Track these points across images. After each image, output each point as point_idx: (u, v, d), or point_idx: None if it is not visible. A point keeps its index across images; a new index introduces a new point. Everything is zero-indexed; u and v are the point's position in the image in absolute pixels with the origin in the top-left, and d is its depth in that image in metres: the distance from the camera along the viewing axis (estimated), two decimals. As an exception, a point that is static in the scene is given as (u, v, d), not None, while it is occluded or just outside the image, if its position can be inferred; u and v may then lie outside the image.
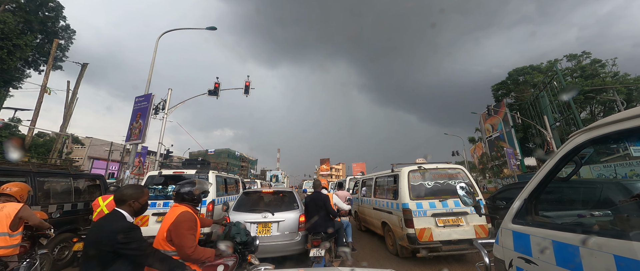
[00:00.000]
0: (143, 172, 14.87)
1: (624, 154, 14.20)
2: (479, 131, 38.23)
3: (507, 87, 34.30)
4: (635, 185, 4.30)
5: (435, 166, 5.62)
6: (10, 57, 17.24)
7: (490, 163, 32.56)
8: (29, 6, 19.60)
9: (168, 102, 14.14)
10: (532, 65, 32.40)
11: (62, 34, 21.95)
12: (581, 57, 29.10)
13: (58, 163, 9.50)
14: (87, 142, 40.98)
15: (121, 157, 34.71)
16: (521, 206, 1.71)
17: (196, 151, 64.80)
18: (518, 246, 1.66)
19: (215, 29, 15.50)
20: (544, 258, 1.46)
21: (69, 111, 18.55)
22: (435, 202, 5.10)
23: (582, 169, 6.91)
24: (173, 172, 6.53)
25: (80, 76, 19.72)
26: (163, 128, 14.09)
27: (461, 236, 4.88)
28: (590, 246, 1.22)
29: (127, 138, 12.79)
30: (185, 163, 7.55)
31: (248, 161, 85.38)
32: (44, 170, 5.38)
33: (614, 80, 24.99)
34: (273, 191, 6.13)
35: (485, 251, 1.99)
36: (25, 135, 17.15)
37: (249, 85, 15.78)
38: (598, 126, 1.33)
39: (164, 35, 14.05)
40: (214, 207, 6.14)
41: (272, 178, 59.77)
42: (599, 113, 26.87)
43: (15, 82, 19.91)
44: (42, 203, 5.00)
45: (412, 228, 4.86)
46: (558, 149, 1.59)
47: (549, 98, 23.64)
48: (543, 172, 1.61)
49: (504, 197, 6.96)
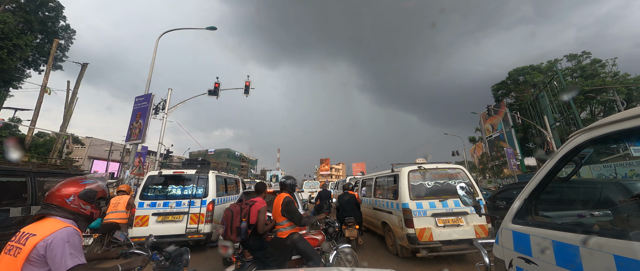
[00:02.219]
0: (143, 172, 14.88)
1: (624, 154, 14.20)
2: (479, 131, 38.23)
3: (507, 87, 34.30)
4: (635, 185, 4.31)
5: (435, 166, 5.62)
6: (10, 57, 17.23)
7: (490, 163, 32.57)
8: (29, 6, 19.59)
9: (168, 102, 14.15)
10: (532, 65, 32.39)
11: (62, 33, 21.94)
12: (581, 57, 29.10)
13: (58, 163, 9.50)
14: (87, 142, 40.98)
15: (121, 157, 34.71)
16: (521, 206, 1.71)
17: (196, 151, 64.79)
18: (518, 246, 1.66)
19: (215, 29, 15.51)
20: (544, 258, 1.46)
21: (69, 111, 18.56)
22: (435, 202, 5.10)
23: (582, 169, 6.92)
24: (173, 172, 6.53)
25: (80, 76, 19.72)
26: (163, 128, 14.10)
27: (461, 236, 4.88)
28: (591, 246, 1.22)
29: (127, 138, 12.80)
30: (185, 163, 7.55)
31: (248, 161, 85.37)
32: (43, 170, 5.39)
33: (614, 80, 24.98)
34: (273, 191, 6.14)
35: (485, 251, 1.99)
36: (25, 135, 17.15)
37: (249, 85, 15.78)
38: (598, 126, 1.33)
39: (165, 35, 14.06)
40: (214, 207, 6.14)
41: (272, 178, 59.72)
42: (599, 113, 26.86)
43: (15, 82, 19.91)
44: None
45: (412, 228, 4.86)
46: (558, 149, 1.59)
47: (549, 98, 23.63)
48: (543, 172, 1.61)
49: (504, 197, 6.96)
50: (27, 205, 4.71)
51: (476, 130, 40.63)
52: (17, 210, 4.52)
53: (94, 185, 1.81)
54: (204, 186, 6.29)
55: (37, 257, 1.43)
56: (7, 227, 4.35)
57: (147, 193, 6.10)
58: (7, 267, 1.43)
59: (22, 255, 1.42)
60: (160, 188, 6.30)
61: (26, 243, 1.46)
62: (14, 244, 1.50)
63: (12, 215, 4.43)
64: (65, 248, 1.48)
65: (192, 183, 6.32)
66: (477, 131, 40.35)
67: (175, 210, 5.94)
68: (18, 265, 1.40)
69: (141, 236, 5.66)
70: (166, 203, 6.00)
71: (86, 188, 1.76)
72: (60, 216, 1.64)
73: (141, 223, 5.78)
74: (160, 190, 6.27)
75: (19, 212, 4.54)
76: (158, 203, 5.98)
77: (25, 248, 1.45)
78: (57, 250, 1.45)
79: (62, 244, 1.48)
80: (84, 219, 1.75)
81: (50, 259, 1.44)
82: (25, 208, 4.65)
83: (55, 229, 1.52)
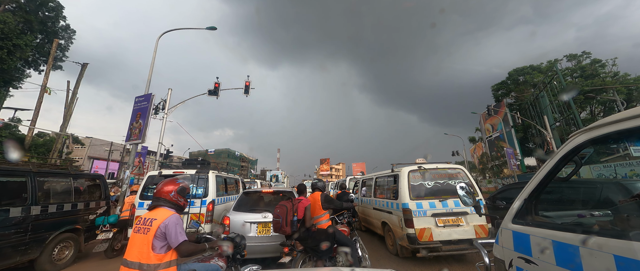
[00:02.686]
0: (143, 172, 14.88)
1: (624, 154, 14.20)
2: (479, 131, 38.20)
3: (507, 87, 34.28)
4: (635, 185, 4.31)
5: (435, 166, 5.62)
6: (10, 57, 17.22)
7: (490, 163, 32.55)
8: (29, 6, 19.58)
9: (168, 102, 14.14)
10: (532, 65, 32.36)
11: (62, 33, 21.93)
12: (581, 57, 29.08)
13: (58, 163, 9.49)
14: (87, 142, 40.96)
15: (121, 157, 34.70)
16: (521, 207, 1.71)
17: (196, 151, 64.78)
18: (518, 246, 1.66)
19: (215, 29, 15.50)
20: (544, 258, 1.46)
21: (69, 111, 18.55)
22: (435, 202, 5.10)
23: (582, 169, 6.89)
24: (173, 171, 6.52)
25: (80, 76, 19.71)
26: (163, 128, 14.09)
27: (461, 236, 4.88)
28: (590, 246, 1.22)
29: (127, 138, 12.79)
30: (185, 163, 7.54)
31: (248, 161, 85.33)
32: (44, 170, 5.37)
33: (614, 80, 24.95)
34: (273, 191, 6.13)
35: (485, 251, 1.99)
36: (25, 135, 17.14)
37: (249, 85, 15.77)
38: (598, 126, 1.33)
39: (165, 35, 14.05)
40: (214, 207, 6.14)
41: (272, 178, 59.67)
42: (599, 113, 26.84)
43: (15, 82, 19.89)
44: (42, 203, 4.99)
45: (412, 228, 4.86)
46: (558, 149, 1.59)
47: (549, 98, 23.62)
48: (543, 172, 1.61)
49: (504, 197, 6.96)
50: (27, 205, 4.69)
51: (476, 130, 40.62)
52: (17, 210, 4.51)
53: (184, 184, 2.50)
54: (204, 186, 6.28)
55: (160, 234, 2.15)
56: (7, 227, 4.34)
57: (147, 193, 6.10)
58: (141, 241, 2.16)
59: (151, 232, 2.14)
60: (160, 188, 6.31)
61: (152, 225, 2.17)
62: (141, 226, 2.21)
63: (12, 215, 4.42)
64: (177, 228, 2.19)
65: (192, 183, 6.31)
66: (477, 131, 40.34)
67: (175, 210, 5.94)
68: (149, 239, 2.13)
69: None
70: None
71: (181, 186, 2.45)
72: (167, 206, 2.33)
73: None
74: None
75: (19, 212, 4.53)
76: (158, 203, 5.98)
77: (152, 228, 2.16)
78: (172, 230, 2.16)
79: (174, 225, 2.19)
80: (180, 208, 2.43)
81: (168, 236, 2.16)
82: (25, 208, 4.64)
83: (167, 215, 2.22)
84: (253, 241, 4.76)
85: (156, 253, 2.12)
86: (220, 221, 5.63)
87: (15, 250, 4.43)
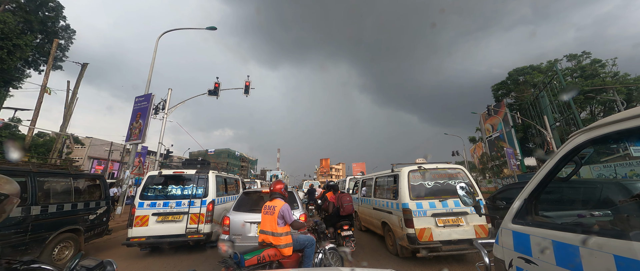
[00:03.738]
0: (143, 172, 14.87)
1: (624, 154, 14.19)
2: (479, 131, 38.21)
3: (507, 87, 34.29)
4: (635, 185, 4.31)
5: (435, 166, 5.62)
6: (10, 57, 17.22)
7: (490, 163, 32.55)
8: (29, 6, 19.58)
9: (168, 102, 14.15)
10: (532, 65, 32.38)
11: (62, 33, 21.92)
12: (581, 57, 29.09)
13: (58, 163, 9.49)
14: (87, 142, 40.94)
15: (121, 157, 34.70)
16: (521, 207, 1.70)
17: (196, 151, 64.75)
18: (518, 246, 1.66)
19: (215, 29, 15.51)
20: (544, 258, 1.46)
21: (69, 111, 18.55)
22: (435, 202, 5.09)
23: (582, 169, 6.90)
24: (173, 171, 6.52)
25: (80, 76, 19.71)
26: (163, 128, 14.10)
27: (461, 236, 4.87)
28: (590, 246, 1.22)
29: (127, 138, 12.79)
30: (185, 163, 7.55)
31: (248, 161, 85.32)
32: (43, 170, 5.37)
33: (614, 80, 24.97)
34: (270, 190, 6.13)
35: (485, 251, 1.98)
36: (25, 135, 17.14)
37: (249, 85, 15.78)
38: (598, 126, 1.33)
39: (165, 35, 14.06)
40: (214, 207, 6.14)
41: (272, 178, 59.65)
42: (599, 113, 26.85)
43: (15, 82, 19.88)
44: (42, 203, 4.99)
45: (412, 228, 4.86)
46: (558, 149, 1.59)
47: (549, 98, 23.62)
48: (543, 172, 1.61)
49: (504, 197, 6.95)
50: (27, 205, 4.68)
51: (476, 130, 40.63)
52: (17, 210, 4.51)
53: (285, 183, 3.84)
54: (204, 186, 6.28)
55: (280, 215, 3.36)
56: (7, 227, 4.34)
57: (147, 193, 6.10)
58: (270, 220, 3.38)
59: (275, 214, 3.36)
60: (160, 188, 6.30)
61: (275, 209, 3.40)
62: (268, 210, 3.46)
63: (12, 215, 4.42)
64: (289, 212, 3.43)
65: (192, 183, 6.32)
66: (477, 131, 40.35)
67: (175, 210, 5.94)
68: (274, 218, 3.35)
69: (141, 237, 5.66)
70: (166, 203, 6.00)
71: (285, 185, 3.80)
72: (280, 198, 3.61)
73: (141, 223, 5.78)
74: (160, 190, 6.27)
75: (19, 212, 4.53)
76: (158, 203, 5.98)
77: (275, 211, 3.39)
78: (287, 213, 3.40)
79: (288, 210, 3.44)
80: (285, 198, 3.69)
81: (284, 216, 3.37)
82: (25, 208, 4.63)
83: (283, 204, 3.47)
84: (253, 241, 4.77)
85: (279, 227, 3.32)
86: (220, 221, 5.63)
87: (15, 250, 4.43)
